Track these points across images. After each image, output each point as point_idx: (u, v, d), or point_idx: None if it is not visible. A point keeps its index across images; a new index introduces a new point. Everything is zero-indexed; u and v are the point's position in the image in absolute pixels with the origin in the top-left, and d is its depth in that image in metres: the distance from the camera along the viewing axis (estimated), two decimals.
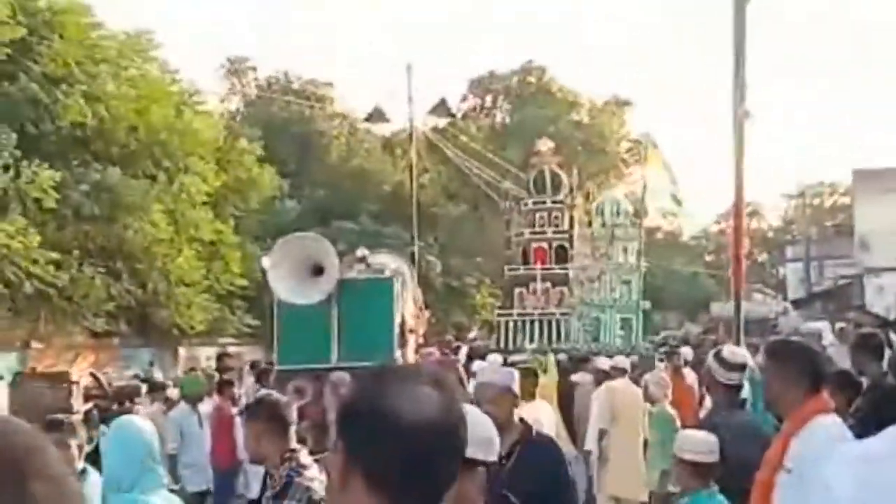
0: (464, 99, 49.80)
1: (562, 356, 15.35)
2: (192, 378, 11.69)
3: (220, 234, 23.02)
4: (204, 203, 21.92)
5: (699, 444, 4.99)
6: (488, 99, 50.45)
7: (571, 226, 25.73)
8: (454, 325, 33.12)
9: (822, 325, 13.16)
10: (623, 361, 11.51)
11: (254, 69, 44.04)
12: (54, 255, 17.91)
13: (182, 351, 22.73)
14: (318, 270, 9.04)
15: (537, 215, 24.77)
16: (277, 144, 33.94)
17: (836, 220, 59.79)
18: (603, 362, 11.71)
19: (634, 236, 22.24)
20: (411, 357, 9.49)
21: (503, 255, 23.66)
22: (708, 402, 8.55)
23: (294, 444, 4.76)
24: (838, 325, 13.61)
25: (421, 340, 10.24)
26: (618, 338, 21.42)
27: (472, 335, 27.33)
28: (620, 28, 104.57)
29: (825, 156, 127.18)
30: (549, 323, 22.28)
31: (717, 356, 5.57)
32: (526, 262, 23.42)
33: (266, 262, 9.36)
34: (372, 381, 1.69)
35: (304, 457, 4.74)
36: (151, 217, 19.96)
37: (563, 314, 22.21)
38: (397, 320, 9.12)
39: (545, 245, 24.72)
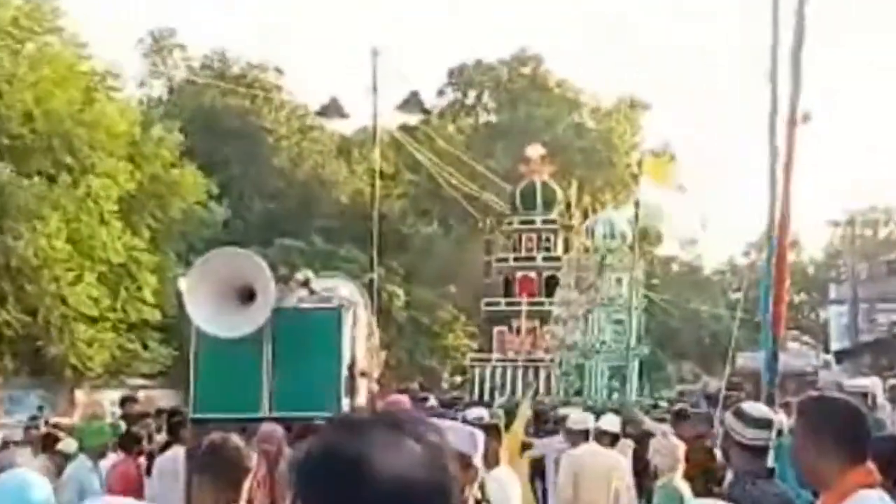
0: (441, 93, 49.75)
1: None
2: (95, 427, 11.53)
3: (132, 251, 22.82)
4: (114, 212, 21.67)
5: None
6: (471, 94, 50.42)
7: (566, 251, 25.48)
8: (421, 369, 33.01)
9: (871, 382, 13.19)
10: (611, 422, 11.00)
11: (182, 47, 43.74)
12: None
13: (80, 394, 22.50)
14: (249, 296, 8.83)
15: (524, 237, 24.61)
16: (209, 141, 33.82)
17: (891, 254, 60.27)
18: (575, 420, 10.92)
19: (630, 265, 21.59)
20: (361, 407, 9.23)
21: (482, 284, 23.36)
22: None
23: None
24: (890, 381, 13.67)
25: (375, 387, 10.06)
26: (605, 390, 21.01)
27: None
28: (635, 13, 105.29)
29: (881, 177, 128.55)
30: (537, 371, 22.16)
31: (737, 412, 5.54)
32: (508, 294, 23.13)
33: (183, 283, 9.21)
34: (346, 430, 1.75)
35: None
36: (47, 228, 19.70)
37: (552, 360, 22.10)
38: (346, 361, 8.95)
39: (533, 274, 24.55)
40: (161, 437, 12.79)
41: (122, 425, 12.50)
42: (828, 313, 59.83)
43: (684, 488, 9.49)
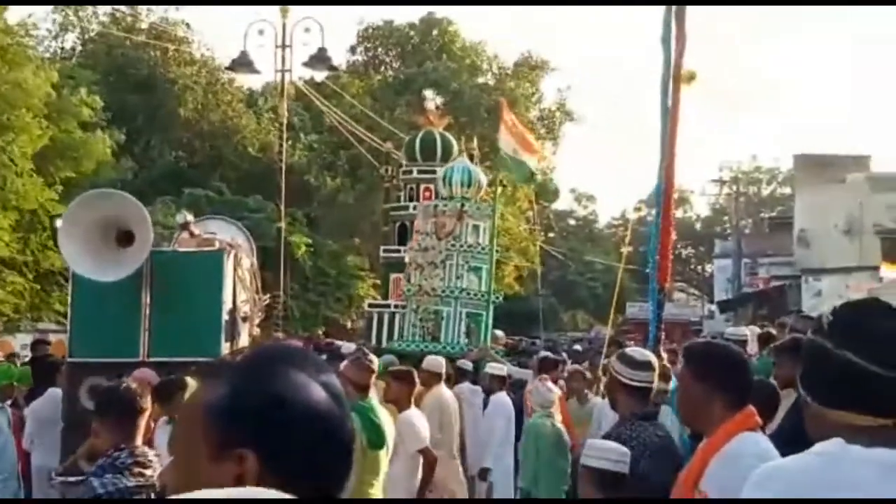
0: (352, 50, 49.43)
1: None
2: (1, 368, 11.28)
3: (45, 202, 22.36)
4: (30, 169, 21.21)
5: (606, 450, 5.08)
6: (380, 52, 50.14)
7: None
8: (326, 319, 32.89)
9: (749, 331, 13.50)
10: (436, 364, 10.79)
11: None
12: None
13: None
14: (127, 239, 8.38)
15: (422, 186, 24.41)
16: (120, 93, 33.19)
17: (773, 211, 61.51)
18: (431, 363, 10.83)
19: (487, 213, 21.07)
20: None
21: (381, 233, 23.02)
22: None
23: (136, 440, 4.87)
24: (766, 330, 13.98)
25: (257, 331, 9.64)
26: (462, 337, 20.49)
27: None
28: None
29: (764, 136, 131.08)
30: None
31: (621, 356, 5.62)
32: (404, 241, 22.80)
33: (59, 224, 8.79)
34: (258, 363, 1.74)
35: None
36: None
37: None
38: (227, 305, 8.57)
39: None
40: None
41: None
42: (713, 267, 61.06)
43: (552, 424, 9.84)
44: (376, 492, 7.53)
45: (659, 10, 11.56)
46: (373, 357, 7.91)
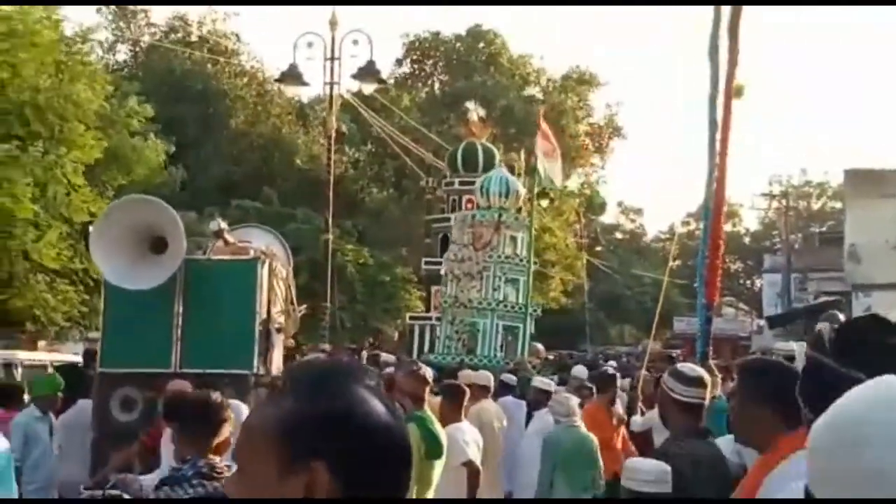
0: (399, 63, 49.57)
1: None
2: (45, 378, 11.18)
3: (96, 213, 22.54)
4: (81, 183, 21.36)
5: (643, 472, 4.99)
6: (428, 64, 50.23)
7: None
8: (374, 331, 32.87)
9: (796, 346, 13.32)
10: (483, 377, 10.84)
11: (146, 13, 43.17)
12: None
13: (42, 346, 22.32)
14: (159, 246, 8.21)
15: (464, 197, 24.16)
16: (171, 104, 33.46)
17: (823, 226, 60.88)
18: (479, 377, 10.92)
19: (525, 224, 20.98)
20: (277, 363, 8.72)
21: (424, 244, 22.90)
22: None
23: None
24: None
25: (291, 342, 9.41)
26: (498, 349, 20.38)
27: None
28: None
29: (815, 151, 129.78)
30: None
31: (673, 372, 5.54)
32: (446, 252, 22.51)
33: (91, 231, 8.40)
34: (322, 378, 1.78)
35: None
36: (14, 189, 19.41)
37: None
38: (260, 316, 8.37)
39: None
40: None
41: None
42: (762, 281, 60.50)
43: (578, 432, 9.70)
44: None
45: (707, 25, 11.53)
46: (427, 369, 7.89)
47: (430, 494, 7.56)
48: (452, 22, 78.26)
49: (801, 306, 43.72)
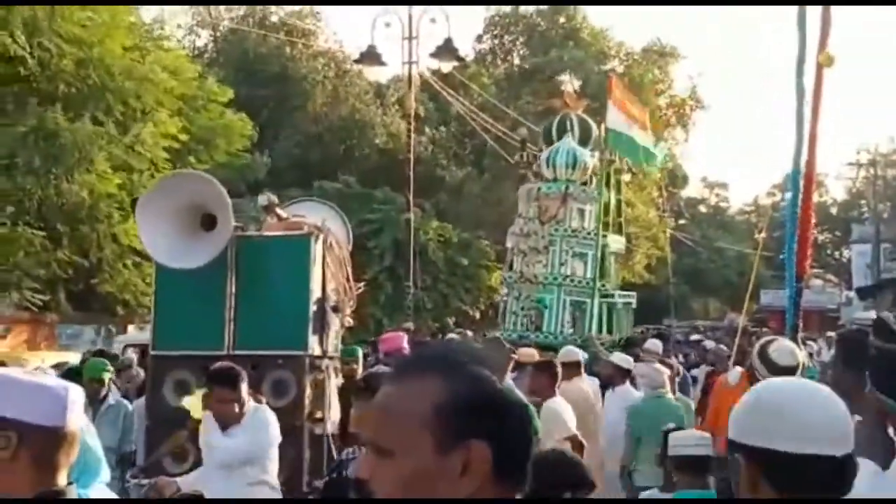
0: (479, 39, 49.46)
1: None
2: (93, 363, 10.63)
3: None
4: (165, 159, 21.56)
5: (687, 437, 5.08)
6: (507, 40, 50.04)
7: (608, 187, 24.65)
8: (456, 310, 32.91)
9: (885, 316, 12.97)
10: (572, 354, 10.61)
11: None
12: None
13: (132, 329, 22.65)
14: (208, 223, 7.97)
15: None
16: (250, 88, 33.78)
17: None
18: (568, 353, 10.67)
19: (593, 197, 20.59)
20: (333, 343, 8.44)
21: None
22: None
23: None
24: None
25: (349, 321, 9.00)
26: (565, 326, 19.91)
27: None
28: None
29: None
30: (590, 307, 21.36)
31: (763, 354, 5.48)
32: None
33: (138, 208, 8.16)
34: (461, 360, 1.83)
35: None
36: (98, 169, 19.66)
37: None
38: (315, 294, 8.08)
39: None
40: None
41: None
42: (851, 252, 59.54)
43: (666, 402, 9.63)
44: None
45: None
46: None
47: None
48: None
49: (891, 276, 42.98)
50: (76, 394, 3.03)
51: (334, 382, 8.34)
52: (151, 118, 20.98)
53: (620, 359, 11.35)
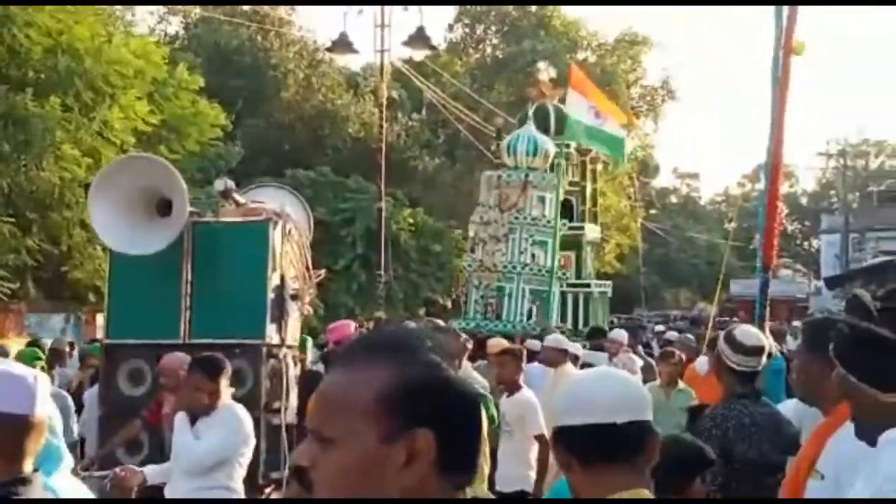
0: (450, 28, 49.42)
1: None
2: (27, 352, 10.56)
3: None
4: (134, 144, 21.37)
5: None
6: (479, 30, 50.02)
7: (584, 177, 24.67)
8: (427, 300, 32.89)
9: (861, 294, 13.02)
10: (559, 341, 10.62)
11: None
12: None
13: (100, 317, 22.46)
14: (164, 208, 7.74)
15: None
16: (222, 76, 33.62)
17: (881, 185, 60.05)
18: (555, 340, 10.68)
19: (552, 184, 20.11)
20: (292, 332, 8.25)
21: None
22: None
23: None
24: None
25: (308, 310, 8.80)
26: (525, 315, 19.77)
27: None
28: None
29: (872, 109, 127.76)
30: (565, 297, 21.28)
31: (729, 337, 5.50)
32: None
33: (90, 193, 7.90)
34: (410, 345, 1.78)
35: None
36: (67, 155, 19.51)
37: (573, 286, 21.06)
38: (273, 281, 7.87)
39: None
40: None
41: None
42: (820, 242, 59.91)
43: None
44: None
45: None
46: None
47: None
48: None
49: (859, 266, 43.27)
50: (44, 382, 3.01)
51: (293, 372, 8.12)
52: (118, 101, 20.81)
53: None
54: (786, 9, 10.95)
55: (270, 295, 7.76)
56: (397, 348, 1.76)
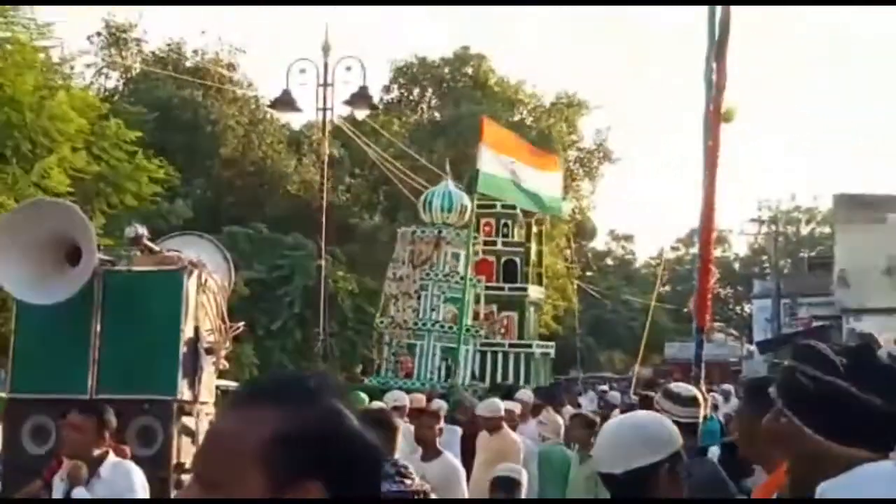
0: (387, 89, 49.69)
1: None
2: None
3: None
4: (68, 194, 21.10)
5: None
6: (415, 91, 50.40)
7: (528, 239, 24.76)
8: (364, 358, 32.81)
9: (821, 347, 13.17)
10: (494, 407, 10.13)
11: (138, 41, 42.99)
12: None
13: None
14: (72, 256, 7.42)
15: (482, 221, 24.02)
16: (161, 133, 33.52)
17: (812, 251, 61.03)
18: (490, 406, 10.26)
19: (465, 241, 19.68)
20: (206, 387, 7.88)
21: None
22: None
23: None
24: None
25: (224, 365, 8.37)
26: (436, 373, 19.58)
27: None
28: (576, 14, 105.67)
29: (803, 177, 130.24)
30: (507, 357, 21.23)
31: (667, 393, 5.55)
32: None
33: None
34: (306, 391, 1.65)
35: None
36: (4, 204, 19.28)
37: (515, 346, 20.84)
38: (186, 334, 7.52)
39: (492, 258, 23.84)
40: None
41: None
42: (752, 307, 60.60)
43: (569, 453, 9.67)
44: None
45: (702, 48, 11.60)
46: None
47: None
48: (443, 47, 78.48)
49: (790, 331, 43.83)
50: None
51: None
52: (57, 153, 20.65)
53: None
54: (713, 73, 11.18)
55: (183, 349, 7.42)
56: (290, 391, 1.64)
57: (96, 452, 5.87)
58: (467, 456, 9.93)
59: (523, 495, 7.74)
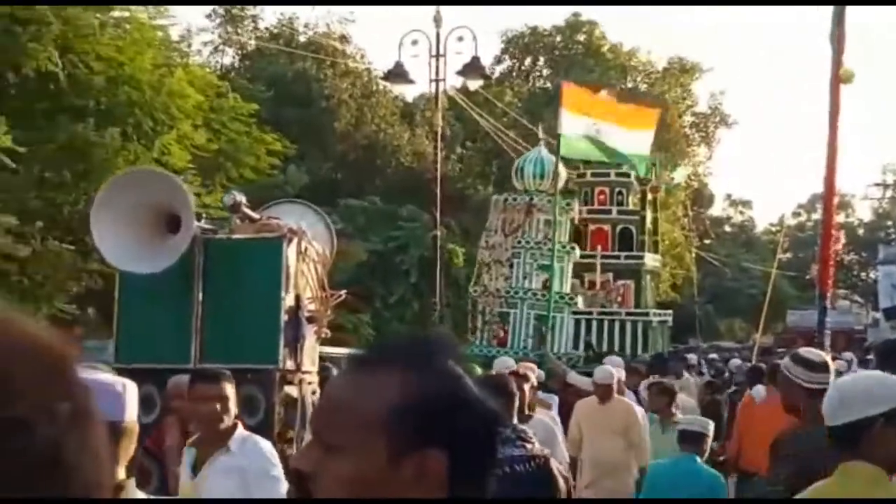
0: (499, 60, 49.53)
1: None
2: None
3: (206, 208, 22.81)
4: (189, 170, 21.56)
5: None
6: (527, 60, 50.11)
7: (644, 207, 24.55)
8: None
9: None
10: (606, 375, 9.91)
11: (253, 18, 43.61)
12: (13, 221, 17.84)
13: None
14: (175, 225, 7.34)
15: (597, 190, 23.80)
16: (277, 107, 33.96)
17: None
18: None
19: (562, 207, 19.50)
20: (309, 356, 7.76)
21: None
22: None
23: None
24: None
25: (326, 333, 8.17)
26: (530, 340, 19.23)
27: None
28: None
29: None
30: (624, 325, 21.34)
31: (796, 358, 5.39)
32: (580, 247, 21.67)
33: (92, 209, 7.47)
34: (429, 357, 1.65)
35: None
36: None
37: (632, 314, 20.89)
38: (287, 302, 7.42)
39: (607, 227, 23.52)
40: None
41: None
42: (877, 273, 59.13)
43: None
44: None
45: (824, 8, 11.36)
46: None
47: None
48: (553, 15, 77.97)
49: None
50: (132, 389, 3.05)
51: (309, 400, 7.48)
52: (177, 130, 21.08)
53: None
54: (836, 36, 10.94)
55: (284, 317, 7.36)
56: (414, 355, 1.64)
57: (224, 426, 5.52)
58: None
59: (707, 449, 7.71)
